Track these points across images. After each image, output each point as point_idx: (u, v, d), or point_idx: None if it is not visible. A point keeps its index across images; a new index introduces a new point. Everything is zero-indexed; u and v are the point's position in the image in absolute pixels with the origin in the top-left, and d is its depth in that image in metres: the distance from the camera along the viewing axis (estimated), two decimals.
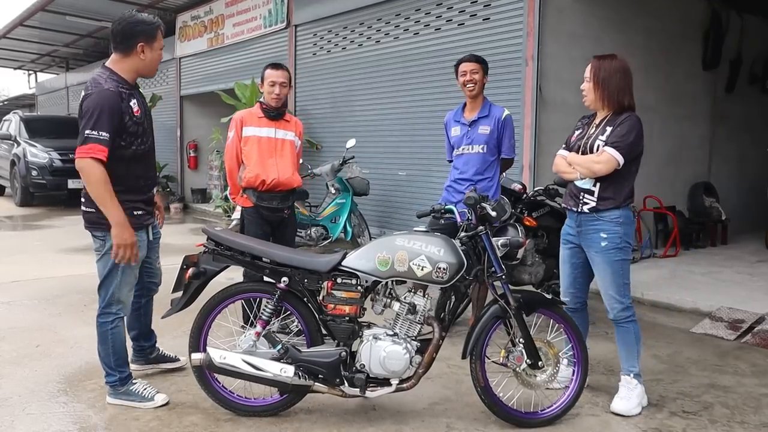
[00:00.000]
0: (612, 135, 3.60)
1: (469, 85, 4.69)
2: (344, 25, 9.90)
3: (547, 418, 3.57)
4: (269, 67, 4.82)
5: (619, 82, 3.66)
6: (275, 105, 4.78)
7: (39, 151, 14.08)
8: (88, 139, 3.36)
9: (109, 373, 3.72)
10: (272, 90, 4.74)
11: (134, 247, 3.51)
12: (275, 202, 4.78)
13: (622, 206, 3.66)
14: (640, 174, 3.84)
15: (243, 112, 4.94)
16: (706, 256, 8.39)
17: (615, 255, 3.65)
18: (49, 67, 25.20)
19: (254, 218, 4.81)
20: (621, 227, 3.64)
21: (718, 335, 5.27)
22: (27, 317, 5.53)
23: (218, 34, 13.31)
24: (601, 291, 3.77)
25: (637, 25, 8.12)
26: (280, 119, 4.85)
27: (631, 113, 3.67)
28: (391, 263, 3.39)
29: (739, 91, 10.10)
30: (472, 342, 3.46)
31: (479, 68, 4.69)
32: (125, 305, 3.70)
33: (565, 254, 3.92)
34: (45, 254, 8.56)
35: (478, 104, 4.77)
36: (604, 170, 3.57)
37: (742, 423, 3.63)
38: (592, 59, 3.75)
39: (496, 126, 4.69)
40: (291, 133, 4.89)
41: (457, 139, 4.82)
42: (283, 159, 4.80)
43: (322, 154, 10.28)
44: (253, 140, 4.76)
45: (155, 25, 3.58)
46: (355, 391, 3.44)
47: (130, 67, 3.57)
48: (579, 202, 3.72)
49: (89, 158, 3.35)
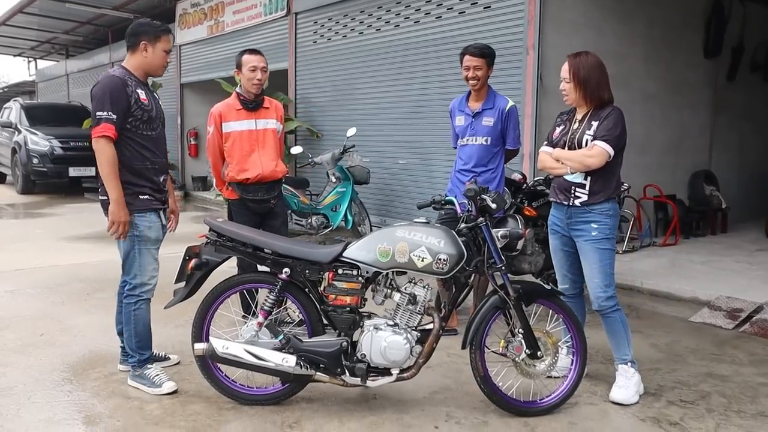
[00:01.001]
0: (600, 129, 3.66)
1: (471, 81, 4.68)
2: (345, 12, 9.87)
3: (546, 407, 3.61)
4: (247, 53, 4.67)
5: (598, 78, 3.71)
6: (255, 92, 4.65)
7: (40, 138, 14.08)
8: (99, 120, 3.62)
9: (131, 354, 3.87)
10: (253, 75, 4.58)
11: (126, 225, 3.70)
12: (260, 193, 4.72)
13: (611, 198, 3.74)
14: (641, 163, 3.88)
15: (220, 106, 4.77)
16: (705, 245, 8.41)
17: (603, 244, 3.72)
18: (49, 54, 25.12)
19: (241, 210, 4.77)
20: (610, 219, 3.73)
21: (717, 324, 5.30)
22: (31, 306, 5.57)
23: (218, 21, 13.27)
24: (587, 280, 3.83)
25: (639, 13, 8.09)
26: (260, 108, 4.73)
27: (613, 107, 3.74)
28: (392, 254, 3.42)
29: (740, 80, 10.07)
30: (471, 332, 3.50)
31: (483, 63, 4.63)
32: (149, 287, 3.88)
33: (556, 243, 3.99)
34: (47, 242, 8.60)
35: (483, 94, 4.76)
36: (597, 164, 3.63)
37: (738, 412, 3.67)
38: (568, 58, 3.79)
39: (500, 118, 4.69)
40: (272, 121, 4.78)
41: (461, 129, 4.82)
42: (266, 151, 4.71)
43: (323, 142, 10.28)
44: (233, 136, 4.66)
45: (160, 28, 3.87)
46: (356, 380, 3.48)
47: (137, 63, 3.86)
48: (570, 196, 3.77)
49: (101, 137, 3.61)
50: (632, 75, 8.10)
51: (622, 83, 7.89)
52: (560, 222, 3.89)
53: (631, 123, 8.09)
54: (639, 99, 8.28)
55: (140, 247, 3.79)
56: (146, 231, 3.78)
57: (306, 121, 10.67)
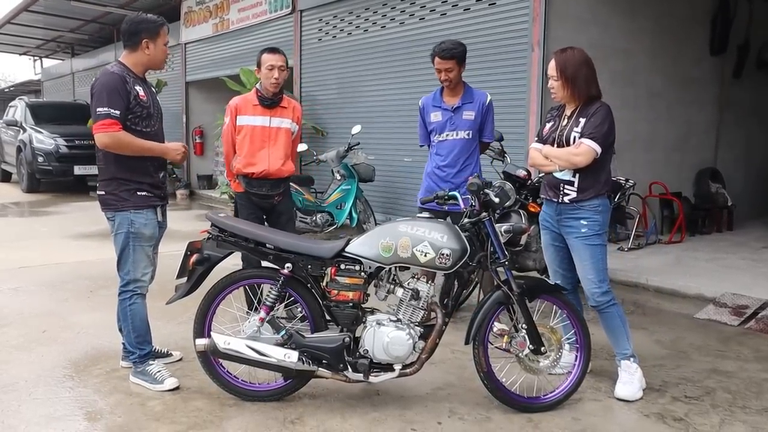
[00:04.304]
0: (587, 126, 3.63)
1: (445, 82, 4.69)
2: (350, 10, 9.85)
3: (549, 403, 3.59)
4: (266, 52, 4.75)
5: (586, 74, 3.68)
6: (273, 90, 4.72)
7: (45, 137, 14.10)
8: (99, 115, 3.62)
9: (131, 351, 3.87)
10: (271, 74, 4.66)
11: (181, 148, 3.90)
12: (264, 188, 4.80)
13: (600, 195, 3.71)
14: (646, 159, 3.86)
15: (238, 99, 4.88)
16: (711, 243, 8.36)
17: (594, 240, 3.71)
18: (55, 53, 25.16)
19: (245, 203, 4.87)
20: (600, 215, 3.71)
21: (722, 321, 5.27)
22: (34, 303, 5.57)
23: (223, 19, 13.27)
24: (580, 277, 3.81)
25: (645, 10, 8.05)
26: (276, 106, 4.80)
27: (601, 103, 3.71)
28: (395, 249, 3.40)
29: (746, 77, 10.01)
30: (475, 328, 3.48)
31: (453, 64, 4.60)
32: (143, 283, 3.88)
33: (546, 239, 3.98)
34: (52, 240, 8.61)
35: (459, 90, 4.75)
36: (584, 162, 3.61)
37: (743, 408, 3.64)
38: (554, 55, 3.76)
39: (480, 111, 4.70)
40: (287, 120, 4.85)
41: (438, 125, 4.79)
42: (275, 149, 4.78)
43: (328, 140, 10.27)
44: (246, 129, 4.75)
45: (158, 23, 3.86)
46: (359, 376, 3.46)
47: (137, 61, 3.84)
48: (559, 193, 3.76)
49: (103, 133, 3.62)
50: (638, 71, 8.07)
51: (627, 80, 7.89)
52: (550, 218, 3.89)
53: (637, 120, 8.14)
54: (645, 95, 8.24)
55: (134, 243, 3.80)
56: (142, 228, 3.79)
57: (311, 119, 10.65)
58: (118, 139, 3.64)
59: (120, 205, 3.76)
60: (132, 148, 3.70)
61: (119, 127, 3.63)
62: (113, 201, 3.78)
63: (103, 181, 3.82)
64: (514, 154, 6.19)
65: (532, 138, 6.90)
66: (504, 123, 6.22)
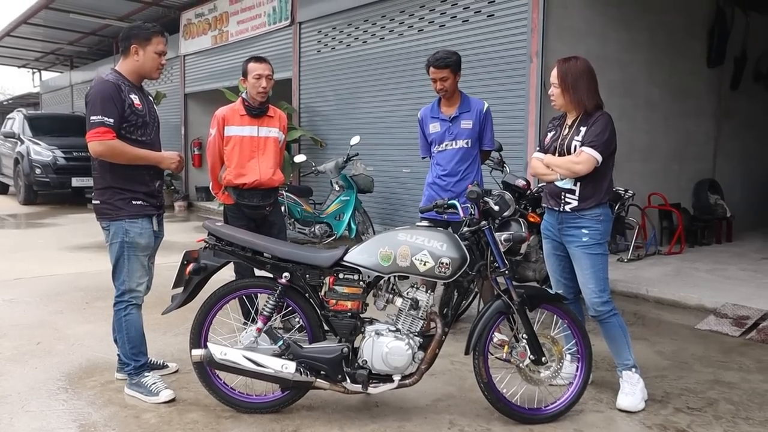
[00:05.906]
0: (588, 135, 3.62)
1: (441, 92, 4.69)
2: (348, 22, 9.87)
3: (550, 415, 3.54)
4: (252, 61, 4.71)
5: (587, 84, 3.68)
6: (261, 99, 4.67)
7: (43, 149, 14.08)
8: (93, 123, 3.58)
9: (126, 362, 3.82)
10: (258, 83, 4.61)
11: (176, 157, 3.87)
12: (255, 199, 4.75)
13: (602, 204, 3.69)
14: (645, 170, 3.84)
15: (225, 110, 4.79)
16: (710, 253, 8.34)
17: (595, 249, 3.68)
18: (54, 66, 25.23)
19: (237, 215, 4.80)
20: (601, 224, 3.69)
21: (723, 332, 5.23)
22: (29, 314, 5.51)
23: (222, 31, 13.30)
24: (581, 286, 3.78)
25: (642, 21, 8.07)
26: (264, 116, 4.76)
27: (602, 112, 3.71)
28: (394, 258, 3.36)
29: (744, 88, 10.04)
30: (475, 337, 3.44)
31: (448, 73, 4.61)
32: (138, 293, 3.83)
33: (548, 248, 3.96)
34: (48, 252, 8.56)
35: (456, 99, 4.75)
36: (584, 170, 3.59)
37: (746, 419, 3.60)
38: (557, 63, 3.76)
39: (478, 119, 4.69)
40: (275, 130, 4.82)
41: (437, 136, 4.78)
42: (265, 158, 4.74)
43: (327, 151, 10.26)
44: (235, 140, 4.69)
45: (150, 30, 3.82)
46: (358, 387, 3.41)
47: (129, 67, 3.81)
48: (561, 201, 3.74)
49: (97, 141, 3.58)
50: (636, 83, 8.08)
51: (625, 90, 7.89)
52: (552, 227, 3.87)
53: (635, 130, 8.13)
54: (643, 106, 8.24)
55: (129, 253, 3.75)
56: (137, 237, 3.75)
57: (310, 130, 10.65)
58: (111, 147, 3.60)
59: (115, 215, 3.72)
60: (126, 156, 3.66)
61: (113, 135, 3.60)
62: (108, 210, 3.73)
63: (99, 190, 3.78)
64: (514, 164, 6.18)
65: (531, 148, 6.93)
66: (503, 133, 6.21)
